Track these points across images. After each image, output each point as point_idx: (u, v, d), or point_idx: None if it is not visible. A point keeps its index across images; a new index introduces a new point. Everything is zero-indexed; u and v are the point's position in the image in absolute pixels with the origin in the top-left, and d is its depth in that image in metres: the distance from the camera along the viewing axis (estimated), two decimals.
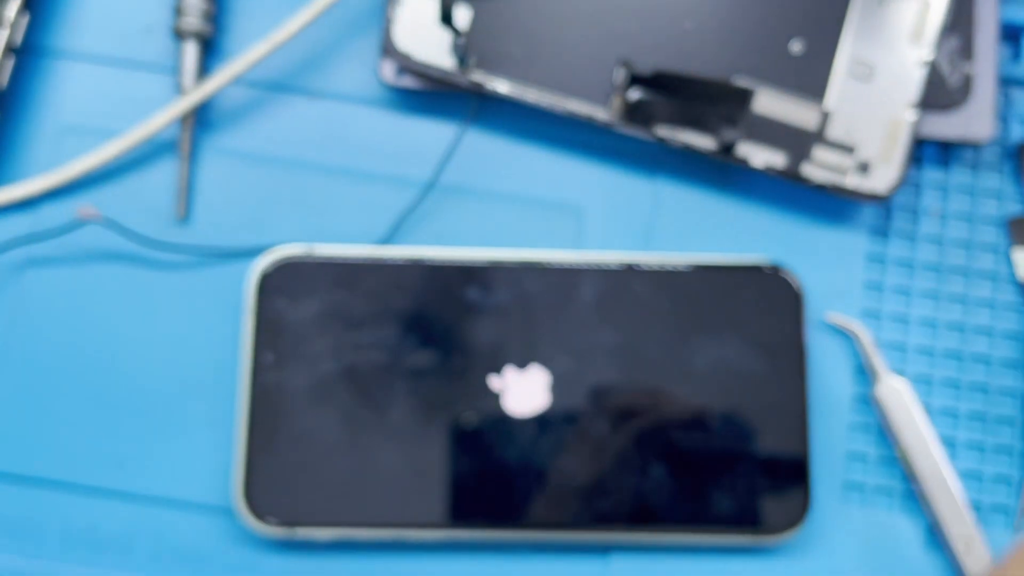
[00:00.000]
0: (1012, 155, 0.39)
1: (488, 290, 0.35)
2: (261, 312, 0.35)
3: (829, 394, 0.37)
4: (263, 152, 0.38)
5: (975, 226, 0.38)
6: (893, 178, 0.36)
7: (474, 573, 0.35)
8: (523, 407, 0.34)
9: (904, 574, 0.36)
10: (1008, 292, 0.38)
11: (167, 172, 0.37)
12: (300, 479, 0.34)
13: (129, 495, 0.35)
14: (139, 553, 0.35)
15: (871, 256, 0.38)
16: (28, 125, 0.38)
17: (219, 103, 0.38)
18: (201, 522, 0.35)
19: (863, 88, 0.36)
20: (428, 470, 0.34)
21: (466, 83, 0.36)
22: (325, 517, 0.34)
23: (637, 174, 0.38)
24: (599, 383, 0.35)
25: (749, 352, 0.35)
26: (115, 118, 0.37)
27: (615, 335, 0.35)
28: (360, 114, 0.38)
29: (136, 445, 0.35)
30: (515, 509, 0.34)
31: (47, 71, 0.38)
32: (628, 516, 0.34)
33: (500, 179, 0.38)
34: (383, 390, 0.34)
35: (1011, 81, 0.39)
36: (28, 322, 0.36)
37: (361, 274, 0.35)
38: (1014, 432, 0.37)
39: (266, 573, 0.35)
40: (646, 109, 0.36)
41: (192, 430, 0.35)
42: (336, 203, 0.37)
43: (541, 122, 0.38)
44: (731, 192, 0.38)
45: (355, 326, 0.35)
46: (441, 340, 0.35)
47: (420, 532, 0.34)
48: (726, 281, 0.36)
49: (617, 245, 0.38)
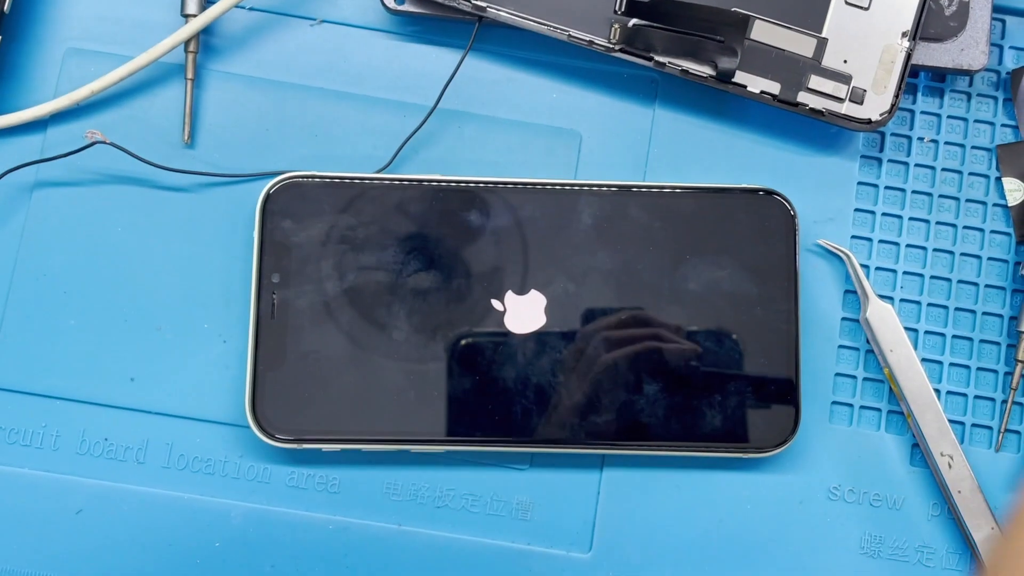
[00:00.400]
0: (1006, 83, 0.39)
1: (487, 214, 0.36)
2: (267, 234, 0.35)
3: (819, 317, 0.38)
4: (267, 77, 0.38)
5: (967, 154, 0.39)
6: (886, 106, 0.37)
7: (473, 485, 0.36)
8: (522, 327, 0.35)
9: (888, 489, 0.37)
10: (998, 218, 0.39)
11: (172, 96, 0.38)
12: (307, 395, 0.35)
13: (141, 410, 0.36)
14: (152, 464, 0.36)
15: (864, 183, 0.39)
16: (32, 49, 0.38)
17: (222, 28, 0.38)
18: (212, 434, 0.36)
19: (860, 16, 0.37)
20: (429, 386, 0.35)
21: (468, 8, 0.36)
22: (331, 431, 0.35)
23: (635, 102, 0.39)
24: (594, 305, 0.36)
25: (742, 275, 0.36)
26: (120, 42, 0.38)
27: (612, 259, 0.36)
28: (363, 39, 0.39)
29: (147, 362, 0.36)
30: (512, 424, 0.35)
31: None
32: (622, 432, 0.35)
33: (500, 106, 0.38)
34: (386, 310, 0.35)
35: (1005, 10, 0.40)
36: (39, 243, 0.37)
37: (364, 197, 0.36)
38: (999, 355, 0.38)
39: (275, 481, 0.36)
40: (644, 37, 0.36)
41: (201, 348, 0.36)
42: (339, 127, 0.38)
43: (541, 49, 0.39)
44: (727, 120, 0.39)
45: (358, 248, 0.36)
46: (442, 262, 0.36)
47: (422, 446, 0.35)
48: (721, 205, 0.36)
49: (614, 171, 0.38)
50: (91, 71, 0.37)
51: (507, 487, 0.36)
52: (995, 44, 0.40)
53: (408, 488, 0.36)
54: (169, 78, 0.38)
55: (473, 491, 0.36)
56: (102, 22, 0.38)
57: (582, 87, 0.39)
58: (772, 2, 0.37)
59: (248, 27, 0.39)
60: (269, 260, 0.35)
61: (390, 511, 0.36)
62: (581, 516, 0.36)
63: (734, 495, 0.36)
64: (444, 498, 0.36)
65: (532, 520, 0.36)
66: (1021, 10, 0.40)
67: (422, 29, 0.39)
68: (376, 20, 0.39)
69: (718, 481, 0.37)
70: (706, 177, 0.38)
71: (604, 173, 0.38)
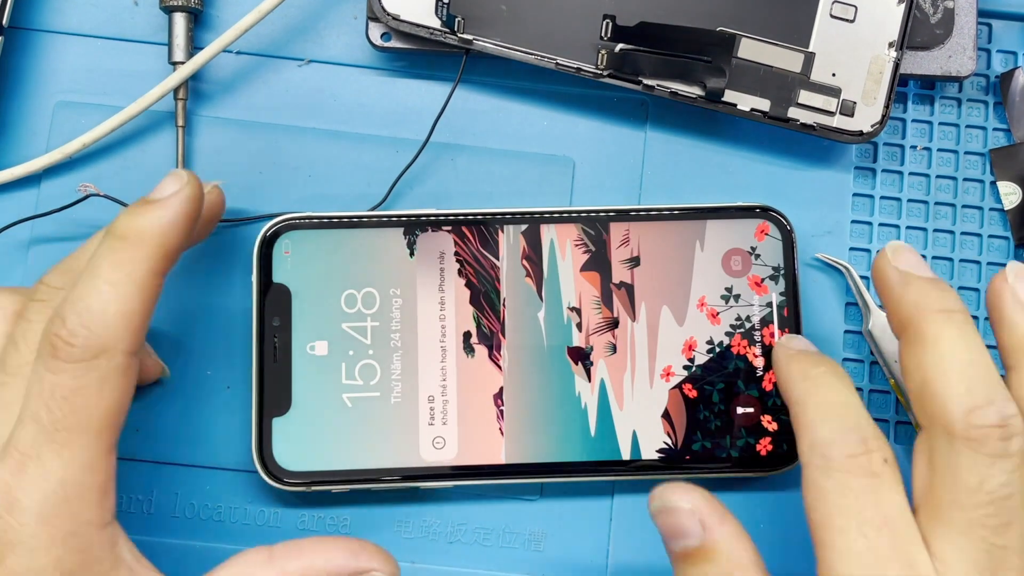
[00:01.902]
0: (995, 87, 0.39)
1: (487, 245, 0.36)
2: (265, 277, 0.35)
3: (822, 331, 0.38)
4: (257, 120, 0.38)
5: (961, 160, 0.39)
6: (877, 117, 0.37)
7: (484, 518, 0.36)
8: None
9: None
10: (995, 222, 0.39)
11: (164, 144, 0.38)
12: (314, 437, 0.35)
13: (147, 460, 0.36)
14: (160, 514, 0.36)
15: (859, 194, 0.39)
16: (22, 103, 0.38)
17: (211, 73, 0.39)
18: (220, 481, 0.36)
19: (846, 29, 0.37)
20: (436, 421, 0.35)
21: (454, 41, 0.36)
22: (340, 473, 0.35)
23: (626, 125, 0.39)
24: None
25: (742, 293, 0.36)
26: (109, 93, 0.38)
27: (612, 274, 0.36)
28: (351, 77, 0.39)
29: (151, 412, 0.36)
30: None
31: (37, 49, 0.38)
32: (631, 458, 0.35)
33: (491, 136, 0.39)
34: (389, 348, 0.35)
35: (990, 14, 0.40)
36: None
37: (361, 236, 0.36)
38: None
39: (285, 524, 0.36)
40: (632, 61, 0.36)
41: (205, 395, 0.36)
42: (332, 166, 0.38)
43: (529, 78, 0.39)
44: (719, 139, 0.39)
45: (358, 287, 0.36)
46: (443, 298, 0.36)
47: (431, 483, 0.35)
48: (717, 224, 0.36)
49: (609, 196, 0.38)
50: (82, 123, 0.37)
51: (519, 519, 0.36)
52: (982, 49, 0.40)
53: (419, 525, 0.36)
54: (160, 126, 0.38)
55: (485, 524, 0.36)
56: (91, 74, 0.38)
57: (572, 113, 0.39)
58: (758, 19, 0.37)
59: (236, 71, 0.39)
60: (269, 303, 0.35)
61: (403, 549, 0.36)
62: (595, 544, 0.36)
63: (747, 516, 0.36)
64: (456, 533, 0.36)
65: (546, 551, 0.36)
66: (1006, 13, 0.40)
67: (409, 64, 0.39)
68: (363, 58, 0.39)
69: (730, 502, 0.36)
70: (701, 197, 0.38)
71: (599, 198, 0.38)
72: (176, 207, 0.29)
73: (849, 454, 0.28)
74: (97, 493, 0.28)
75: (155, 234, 0.29)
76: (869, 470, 0.28)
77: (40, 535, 0.27)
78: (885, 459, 0.28)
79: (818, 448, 0.29)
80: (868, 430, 0.29)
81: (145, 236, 0.29)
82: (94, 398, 0.27)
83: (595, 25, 0.36)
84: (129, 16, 0.39)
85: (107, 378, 0.28)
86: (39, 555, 0.27)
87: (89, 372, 0.27)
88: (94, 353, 0.27)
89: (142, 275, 0.28)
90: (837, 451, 0.28)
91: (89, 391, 0.27)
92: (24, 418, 0.27)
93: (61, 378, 0.27)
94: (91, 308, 0.27)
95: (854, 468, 0.28)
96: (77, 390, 0.27)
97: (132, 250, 0.28)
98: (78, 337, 0.27)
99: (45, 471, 0.27)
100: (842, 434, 0.28)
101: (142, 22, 0.39)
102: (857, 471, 0.28)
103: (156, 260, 0.29)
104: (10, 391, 0.29)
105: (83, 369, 0.27)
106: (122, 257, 0.28)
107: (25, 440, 0.27)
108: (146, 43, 0.39)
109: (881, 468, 0.28)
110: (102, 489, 0.28)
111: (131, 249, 0.28)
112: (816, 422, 0.29)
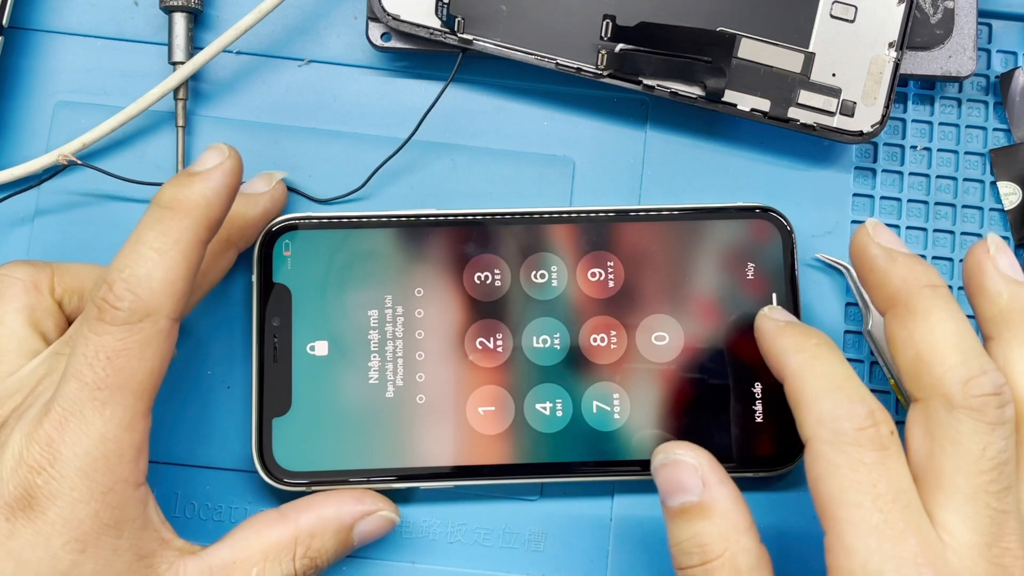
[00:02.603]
0: (995, 87, 0.39)
1: (487, 245, 0.36)
2: (265, 277, 0.35)
3: (822, 331, 0.37)
4: (257, 120, 0.38)
5: (960, 160, 0.39)
6: (877, 117, 0.37)
7: (484, 518, 0.36)
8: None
9: None
10: (995, 223, 0.39)
11: (164, 144, 0.38)
12: (313, 437, 0.35)
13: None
14: None
15: (859, 194, 0.39)
16: (22, 103, 0.38)
17: (211, 73, 0.39)
18: (220, 481, 0.36)
19: (846, 29, 0.37)
20: (436, 422, 0.35)
21: (454, 41, 0.36)
22: (340, 473, 0.34)
23: (626, 125, 0.39)
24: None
25: (742, 293, 0.36)
26: (109, 93, 0.38)
27: (612, 274, 0.36)
28: (351, 77, 0.39)
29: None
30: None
31: (37, 49, 0.38)
32: (630, 460, 0.35)
33: (492, 136, 0.39)
34: (389, 348, 0.35)
35: (990, 14, 0.40)
36: None
37: (362, 235, 0.36)
38: None
39: None
40: (632, 61, 0.36)
41: (205, 395, 0.36)
42: (332, 166, 0.38)
43: (530, 78, 0.39)
44: (719, 139, 0.39)
45: (358, 287, 0.36)
46: (444, 297, 0.36)
47: (431, 483, 0.35)
48: (717, 224, 0.36)
49: (609, 196, 0.38)
50: (82, 123, 0.37)
51: (519, 519, 0.36)
52: (982, 49, 0.40)
53: (420, 525, 0.36)
54: (160, 126, 0.38)
55: (485, 524, 0.36)
56: (91, 74, 0.38)
57: (573, 113, 0.39)
58: (758, 20, 0.37)
59: (236, 71, 0.39)
60: (269, 303, 0.35)
61: (403, 549, 0.36)
62: (595, 544, 0.36)
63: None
64: (456, 533, 0.36)
65: (546, 551, 0.36)
66: (1006, 14, 0.40)
67: (410, 64, 0.39)
68: (363, 58, 0.39)
69: None
70: (701, 197, 0.38)
71: (599, 198, 0.38)
72: (218, 179, 0.30)
73: (859, 427, 0.28)
74: (133, 451, 0.29)
75: (199, 204, 0.30)
76: (879, 443, 0.28)
77: (80, 488, 0.28)
78: (892, 431, 0.29)
79: (827, 422, 0.29)
80: (872, 402, 0.29)
81: (189, 206, 0.30)
82: (136, 360, 0.29)
83: (595, 25, 0.36)
84: (129, 16, 0.39)
85: (149, 341, 0.29)
86: (79, 508, 0.28)
87: (133, 335, 0.28)
88: (139, 316, 0.29)
89: (186, 243, 0.29)
90: (847, 424, 0.28)
91: (132, 353, 0.28)
92: (68, 376, 0.29)
93: (105, 339, 0.28)
94: (137, 273, 0.29)
95: (865, 441, 0.28)
96: (121, 351, 0.28)
97: (177, 219, 0.29)
98: (124, 301, 0.28)
99: (87, 427, 0.28)
100: (849, 407, 0.28)
101: (142, 22, 0.39)
102: (868, 444, 0.28)
103: (199, 229, 0.30)
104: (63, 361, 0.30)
105: (127, 331, 0.28)
106: (167, 226, 0.29)
107: (69, 397, 0.28)
108: (146, 43, 0.39)
109: (889, 440, 0.28)
110: (138, 448, 0.29)
111: (176, 218, 0.29)
112: (820, 395, 0.29)
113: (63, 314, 0.33)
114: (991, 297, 0.31)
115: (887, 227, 0.32)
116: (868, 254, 0.31)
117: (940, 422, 0.28)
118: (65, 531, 0.28)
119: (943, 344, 0.29)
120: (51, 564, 0.28)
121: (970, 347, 0.29)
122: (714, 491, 0.30)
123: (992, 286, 0.30)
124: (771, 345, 0.32)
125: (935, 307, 0.29)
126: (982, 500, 0.28)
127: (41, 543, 0.28)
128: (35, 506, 0.28)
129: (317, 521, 0.32)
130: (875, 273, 0.31)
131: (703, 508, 0.29)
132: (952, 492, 0.28)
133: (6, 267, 0.33)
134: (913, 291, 0.30)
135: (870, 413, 0.28)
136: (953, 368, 0.28)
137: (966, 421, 0.28)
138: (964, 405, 0.28)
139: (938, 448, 0.28)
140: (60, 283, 0.33)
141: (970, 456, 0.28)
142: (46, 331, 0.33)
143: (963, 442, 0.28)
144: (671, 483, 0.30)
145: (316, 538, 0.32)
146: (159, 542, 0.30)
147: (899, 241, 0.31)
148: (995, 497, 0.28)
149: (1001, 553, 0.27)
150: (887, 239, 0.31)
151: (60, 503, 0.28)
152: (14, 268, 0.33)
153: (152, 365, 0.29)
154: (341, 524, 0.33)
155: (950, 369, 0.28)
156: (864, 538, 0.27)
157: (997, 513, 0.28)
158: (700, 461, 0.30)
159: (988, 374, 0.28)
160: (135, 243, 0.29)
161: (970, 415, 0.28)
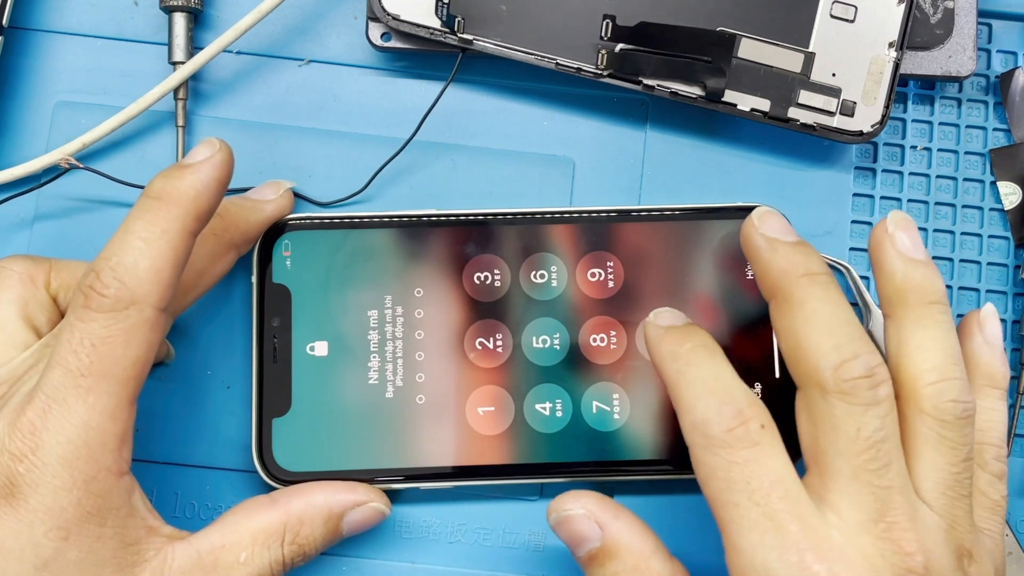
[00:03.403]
0: (995, 87, 0.39)
1: (487, 245, 0.36)
2: (265, 277, 0.35)
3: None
4: (257, 120, 0.38)
5: (960, 160, 0.39)
6: (877, 117, 0.37)
7: (485, 518, 0.36)
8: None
9: None
10: (995, 223, 0.39)
11: (164, 144, 0.38)
12: (313, 438, 0.35)
13: (147, 460, 0.36)
14: (160, 515, 0.36)
15: (859, 194, 0.39)
16: (22, 103, 0.38)
17: (211, 73, 0.39)
18: (220, 481, 0.36)
19: (846, 29, 0.37)
20: (435, 422, 0.35)
21: (454, 41, 0.36)
22: (339, 473, 0.34)
23: (626, 125, 0.39)
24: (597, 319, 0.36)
25: (742, 294, 0.36)
26: (109, 93, 0.38)
27: (612, 274, 0.36)
28: (351, 77, 0.39)
29: (151, 412, 0.36)
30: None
31: (37, 49, 0.38)
32: (630, 460, 0.35)
33: (492, 136, 0.39)
34: (389, 348, 0.35)
35: (990, 14, 0.40)
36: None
37: (362, 236, 0.36)
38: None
39: None
40: (632, 61, 0.36)
41: (205, 395, 0.36)
42: (332, 166, 0.38)
43: (530, 78, 0.39)
44: (719, 139, 0.39)
45: (359, 287, 0.36)
46: (444, 298, 0.36)
47: (431, 483, 0.35)
48: (717, 224, 0.36)
49: (609, 196, 0.38)
50: (82, 123, 0.37)
51: (519, 519, 0.36)
52: (982, 49, 0.40)
53: (420, 525, 0.36)
54: (160, 126, 0.38)
55: (485, 524, 0.36)
56: (91, 74, 0.38)
57: (572, 113, 0.39)
58: (758, 19, 0.37)
59: (236, 71, 0.39)
60: (269, 303, 0.35)
61: (403, 549, 0.36)
62: None
63: None
64: (457, 533, 0.36)
65: (546, 551, 0.36)
66: (1006, 14, 0.40)
67: (410, 64, 0.39)
68: (363, 58, 0.39)
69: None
70: (701, 197, 0.38)
71: (599, 198, 0.38)
72: (208, 171, 0.30)
73: (727, 428, 0.29)
74: (116, 440, 0.29)
75: (188, 195, 0.30)
76: (749, 440, 0.28)
77: (62, 476, 0.28)
78: (762, 424, 0.29)
79: (698, 427, 0.29)
80: (741, 399, 0.29)
81: (178, 197, 0.30)
82: (121, 348, 0.29)
83: (595, 25, 0.36)
84: (129, 16, 0.39)
85: (135, 329, 0.29)
86: (61, 496, 0.28)
87: (118, 322, 0.28)
88: (125, 304, 0.28)
89: (174, 233, 0.29)
90: (715, 428, 0.29)
91: (117, 340, 0.28)
92: (53, 363, 0.29)
93: (91, 327, 0.28)
94: (124, 262, 0.29)
95: (734, 441, 0.28)
96: (106, 339, 0.28)
97: (165, 209, 0.30)
98: (110, 288, 0.28)
99: (70, 414, 0.28)
100: (717, 409, 0.29)
101: (142, 22, 0.39)
102: (737, 443, 0.28)
103: (188, 219, 0.30)
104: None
105: (113, 319, 0.28)
106: (155, 216, 0.29)
107: (52, 384, 0.28)
108: (146, 43, 0.39)
109: (760, 435, 0.29)
110: (121, 438, 0.29)
111: (164, 209, 0.30)
112: (691, 401, 0.29)
113: (57, 309, 0.33)
114: (887, 276, 0.31)
115: (777, 214, 0.31)
116: (752, 244, 0.31)
117: (818, 408, 0.29)
118: (47, 519, 0.28)
119: (817, 331, 0.29)
120: (34, 551, 0.28)
121: (844, 332, 0.29)
122: (611, 530, 0.31)
123: (888, 264, 0.31)
124: (653, 355, 0.32)
125: (810, 296, 0.29)
126: (863, 479, 0.28)
127: (24, 531, 0.28)
128: (17, 494, 0.28)
129: (307, 508, 0.32)
130: (758, 263, 0.31)
131: (607, 551, 0.30)
132: (835, 474, 0.28)
133: (4, 260, 0.33)
134: (791, 280, 0.30)
135: (738, 412, 0.29)
136: (826, 355, 0.29)
137: (839, 405, 0.28)
138: (836, 389, 0.28)
139: (820, 433, 0.29)
140: (57, 278, 0.33)
141: (847, 438, 0.28)
142: (38, 324, 0.33)
143: (839, 425, 0.28)
144: (572, 537, 0.31)
145: (305, 525, 0.32)
146: (146, 529, 0.30)
147: (787, 230, 0.31)
148: (875, 475, 0.28)
149: (888, 527, 0.28)
150: (772, 228, 0.31)
151: (42, 491, 0.28)
152: (12, 261, 0.33)
153: (137, 354, 0.29)
154: (331, 512, 0.33)
155: (823, 356, 0.29)
156: (747, 535, 0.28)
157: (879, 490, 0.28)
158: (588, 507, 0.31)
159: (860, 357, 0.28)
160: (123, 232, 0.29)
161: (842, 399, 0.28)
